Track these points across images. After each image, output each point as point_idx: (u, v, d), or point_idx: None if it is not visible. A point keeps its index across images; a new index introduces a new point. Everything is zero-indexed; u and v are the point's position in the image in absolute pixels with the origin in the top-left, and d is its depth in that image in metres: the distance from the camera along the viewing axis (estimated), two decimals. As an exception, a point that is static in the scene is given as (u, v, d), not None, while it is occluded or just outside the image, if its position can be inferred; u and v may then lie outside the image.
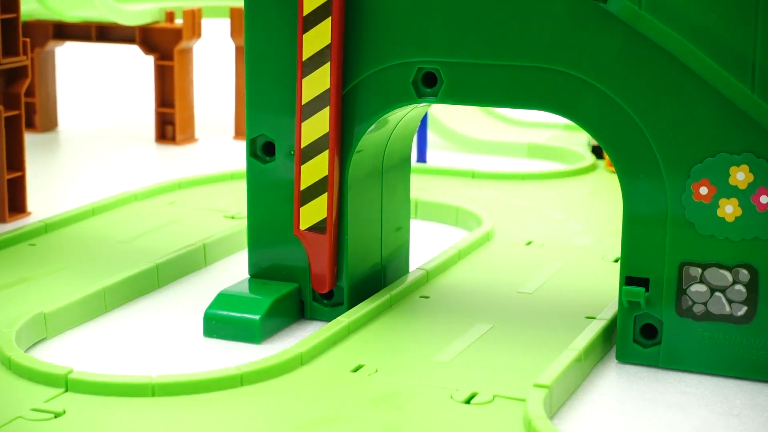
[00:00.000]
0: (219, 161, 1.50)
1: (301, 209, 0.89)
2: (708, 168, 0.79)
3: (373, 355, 0.83)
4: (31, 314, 0.87)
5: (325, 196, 0.88)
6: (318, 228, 0.89)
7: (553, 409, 0.76)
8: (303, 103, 0.86)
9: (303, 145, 0.87)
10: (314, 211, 0.88)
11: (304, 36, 0.85)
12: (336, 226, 0.89)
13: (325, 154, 0.87)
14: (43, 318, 0.88)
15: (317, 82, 0.86)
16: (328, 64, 0.85)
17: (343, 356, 0.83)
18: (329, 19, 0.84)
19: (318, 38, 0.85)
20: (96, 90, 2.05)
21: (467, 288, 0.98)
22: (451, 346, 0.85)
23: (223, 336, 0.88)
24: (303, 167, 0.88)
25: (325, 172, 0.88)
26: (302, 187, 0.88)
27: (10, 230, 1.10)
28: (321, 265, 0.90)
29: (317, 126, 0.87)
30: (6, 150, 1.19)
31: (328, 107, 0.86)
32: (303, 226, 0.89)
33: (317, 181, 0.88)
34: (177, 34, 1.57)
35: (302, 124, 0.87)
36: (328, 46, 0.85)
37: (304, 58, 0.86)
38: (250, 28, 0.90)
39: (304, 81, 0.86)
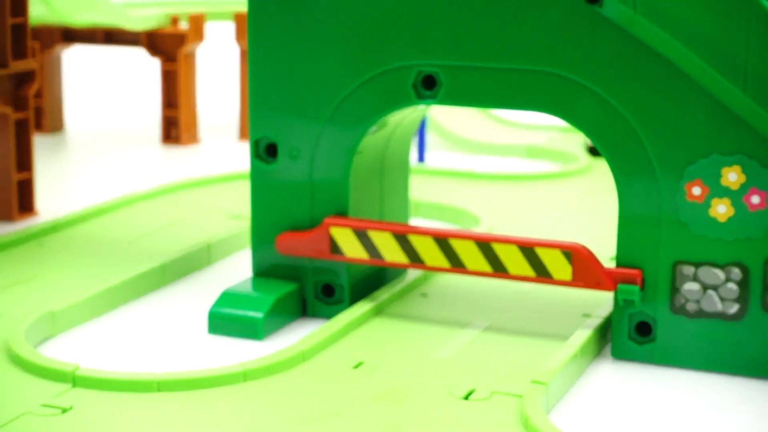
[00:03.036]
0: (223, 162, 1.50)
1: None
2: (701, 169, 0.80)
3: (374, 352, 0.84)
4: (39, 312, 0.88)
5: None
6: (338, 246, 0.89)
7: (550, 405, 0.76)
8: None
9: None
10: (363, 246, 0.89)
11: None
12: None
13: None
14: (51, 316, 0.89)
15: None
16: None
17: (344, 353, 0.84)
18: None
19: None
20: (102, 92, 2.06)
21: (465, 286, 0.99)
22: (450, 343, 0.86)
23: (228, 333, 0.89)
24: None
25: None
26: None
27: (19, 230, 1.11)
28: (299, 246, 0.90)
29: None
30: (15, 151, 1.20)
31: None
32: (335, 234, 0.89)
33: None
34: (182, 38, 1.58)
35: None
36: None
37: None
38: (253, 32, 0.91)
39: None
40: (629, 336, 0.84)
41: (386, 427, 0.72)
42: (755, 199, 0.80)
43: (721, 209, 0.80)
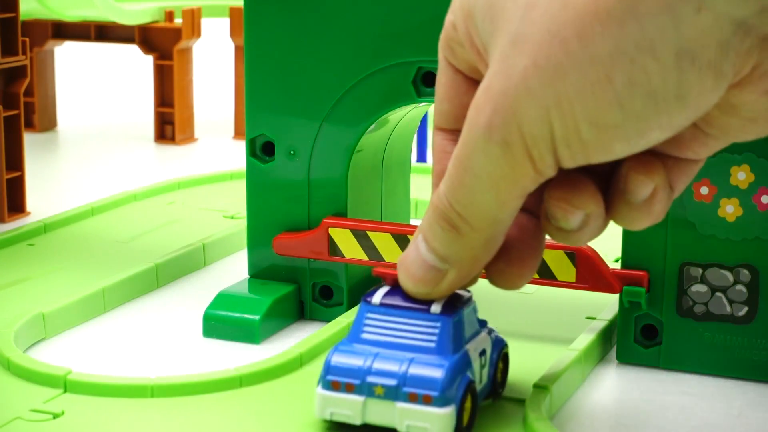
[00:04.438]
0: (218, 161, 1.50)
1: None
2: (709, 168, 0.79)
3: (373, 356, 0.83)
4: (29, 314, 0.87)
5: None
6: (337, 247, 0.88)
7: (553, 410, 0.75)
8: None
9: None
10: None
11: None
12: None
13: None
14: (41, 318, 0.88)
15: None
16: None
17: (342, 357, 0.83)
18: None
19: None
20: (95, 90, 2.05)
21: (467, 288, 0.98)
22: (451, 346, 0.85)
23: (223, 336, 0.88)
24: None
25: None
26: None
27: (9, 230, 1.10)
28: (297, 247, 0.89)
29: None
30: (5, 150, 1.19)
31: None
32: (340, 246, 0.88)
33: None
34: (176, 34, 1.57)
35: None
36: None
37: None
38: (249, 27, 0.90)
39: None
40: (635, 339, 0.83)
41: (387, 433, 0.71)
42: (765, 199, 0.78)
43: (730, 209, 0.79)
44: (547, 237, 0.79)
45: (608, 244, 1.12)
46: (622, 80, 0.50)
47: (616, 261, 1.04)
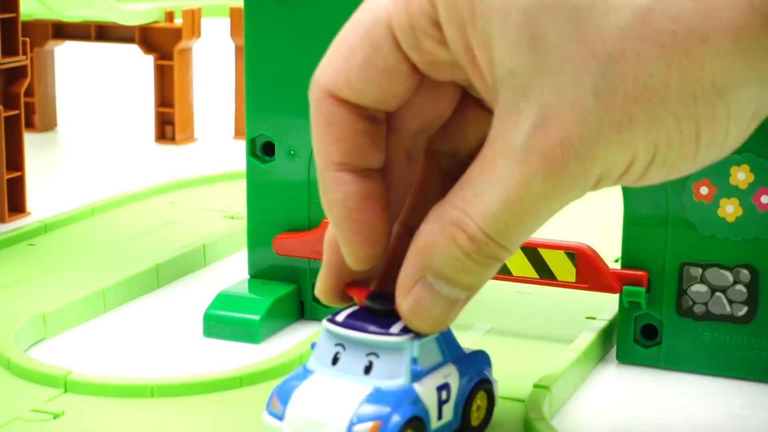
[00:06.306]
0: (218, 161, 1.49)
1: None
2: (709, 168, 0.79)
3: (373, 356, 0.83)
4: (30, 314, 0.87)
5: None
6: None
7: (553, 410, 0.75)
8: None
9: None
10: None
11: None
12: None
13: None
14: (42, 318, 0.88)
15: None
16: None
17: (342, 357, 0.83)
18: None
19: None
20: (95, 90, 2.05)
21: (467, 288, 0.98)
22: (451, 346, 0.85)
23: (223, 336, 0.88)
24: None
25: None
26: None
27: (9, 230, 1.10)
28: (297, 247, 0.89)
29: None
30: (5, 150, 1.19)
31: None
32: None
33: None
34: (176, 34, 1.57)
35: None
36: None
37: None
38: (249, 27, 0.90)
39: None
40: (635, 339, 0.83)
41: (387, 433, 0.71)
42: (765, 199, 0.78)
43: (730, 209, 0.79)
44: (548, 238, 0.79)
45: (608, 244, 1.12)
46: (707, 139, 0.54)
47: (616, 261, 1.04)
